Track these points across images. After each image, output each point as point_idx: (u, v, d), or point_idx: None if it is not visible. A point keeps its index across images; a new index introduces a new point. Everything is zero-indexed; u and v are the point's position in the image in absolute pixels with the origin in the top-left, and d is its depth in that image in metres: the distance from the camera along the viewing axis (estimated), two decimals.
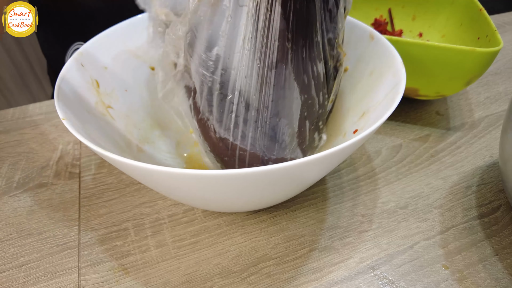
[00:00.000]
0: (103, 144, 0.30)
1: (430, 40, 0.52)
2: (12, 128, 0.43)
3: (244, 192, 0.25)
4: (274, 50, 0.25)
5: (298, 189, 0.30)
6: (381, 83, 0.32)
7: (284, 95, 0.27)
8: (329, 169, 0.29)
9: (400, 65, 0.31)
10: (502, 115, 0.45)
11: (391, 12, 0.54)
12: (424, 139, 0.42)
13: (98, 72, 0.34)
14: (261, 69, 0.26)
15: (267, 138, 0.28)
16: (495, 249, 0.31)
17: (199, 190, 0.25)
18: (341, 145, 0.23)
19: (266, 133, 0.28)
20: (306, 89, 0.28)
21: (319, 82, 0.29)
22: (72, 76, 0.31)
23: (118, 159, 0.22)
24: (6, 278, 0.29)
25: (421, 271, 0.29)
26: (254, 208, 0.32)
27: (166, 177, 0.23)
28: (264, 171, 0.21)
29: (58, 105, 0.27)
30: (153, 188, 0.29)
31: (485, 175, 0.37)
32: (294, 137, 0.29)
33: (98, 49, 0.35)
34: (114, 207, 0.34)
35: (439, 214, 0.33)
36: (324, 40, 0.29)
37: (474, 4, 0.45)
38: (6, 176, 0.38)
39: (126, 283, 0.29)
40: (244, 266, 0.30)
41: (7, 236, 0.32)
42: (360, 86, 0.35)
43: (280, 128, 0.28)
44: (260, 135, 0.28)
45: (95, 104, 0.33)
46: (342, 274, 0.29)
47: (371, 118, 0.31)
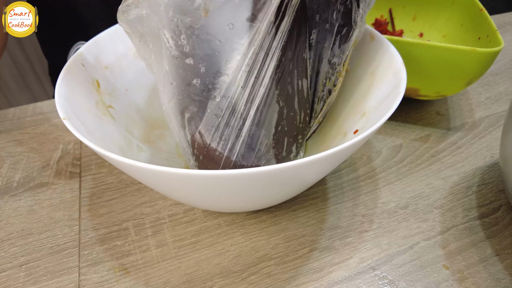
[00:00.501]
0: (103, 144, 0.30)
1: (431, 40, 0.52)
2: (13, 128, 0.43)
3: (244, 192, 0.25)
4: (268, 62, 0.26)
5: (298, 189, 0.30)
6: (382, 83, 0.32)
7: (267, 105, 0.27)
8: (330, 169, 0.29)
9: (401, 65, 0.31)
10: (503, 115, 0.45)
11: (392, 12, 0.54)
12: (425, 139, 0.42)
13: (99, 72, 0.34)
14: (253, 79, 0.26)
15: (244, 145, 0.28)
16: (495, 249, 0.31)
17: (199, 190, 0.25)
18: (341, 145, 0.23)
19: (244, 141, 0.28)
20: (289, 101, 0.29)
21: (302, 97, 0.30)
22: (73, 76, 0.31)
23: (119, 159, 0.22)
24: (6, 277, 0.29)
25: (422, 271, 0.29)
26: (254, 208, 0.32)
27: (167, 177, 0.23)
28: (264, 171, 0.21)
29: (58, 105, 0.27)
30: (154, 188, 0.29)
31: (485, 176, 0.37)
32: (270, 147, 0.29)
33: (98, 49, 0.35)
34: (115, 206, 0.34)
35: (440, 214, 0.33)
36: (325, 62, 0.30)
37: (475, 4, 0.45)
38: (7, 176, 0.38)
39: (126, 283, 0.29)
40: (244, 266, 0.30)
41: (7, 236, 0.32)
42: (361, 86, 0.35)
43: (259, 137, 0.28)
44: (240, 142, 0.28)
45: (95, 104, 0.33)
46: (342, 274, 0.29)
47: (372, 118, 0.31)
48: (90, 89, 0.33)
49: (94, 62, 0.34)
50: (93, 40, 0.35)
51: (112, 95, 0.35)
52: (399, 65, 0.31)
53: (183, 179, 0.23)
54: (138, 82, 0.38)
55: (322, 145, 0.37)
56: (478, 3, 0.45)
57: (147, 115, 0.39)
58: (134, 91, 0.38)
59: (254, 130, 0.28)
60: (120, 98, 0.36)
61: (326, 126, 0.37)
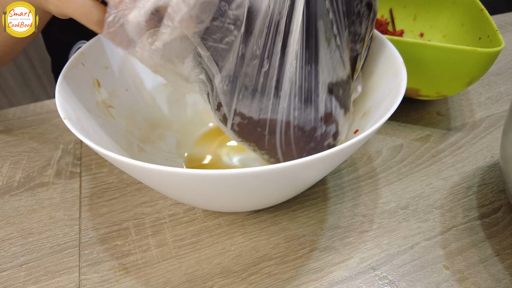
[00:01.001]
0: (104, 143, 0.30)
1: (431, 40, 0.52)
2: (14, 127, 0.43)
3: (243, 192, 0.25)
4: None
5: (299, 189, 0.30)
6: (382, 83, 0.32)
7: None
8: (330, 169, 0.29)
9: (401, 65, 0.31)
10: (503, 115, 0.44)
11: (392, 12, 0.54)
12: (425, 139, 0.42)
13: (99, 72, 0.34)
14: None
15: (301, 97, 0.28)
16: (496, 249, 0.31)
17: (199, 190, 0.25)
18: (341, 145, 0.23)
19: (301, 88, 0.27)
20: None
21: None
22: (73, 75, 0.31)
23: (119, 158, 0.22)
24: (7, 277, 0.29)
25: (422, 271, 0.29)
26: (254, 208, 0.32)
27: (167, 176, 0.23)
28: (264, 171, 0.21)
29: (59, 105, 0.27)
30: (154, 188, 0.29)
31: (486, 176, 0.37)
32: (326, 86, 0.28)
33: (99, 49, 0.35)
34: (115, 206, 0.34)
35: (440, 215, 0.33)
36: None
37: (476, 4, 0.45)
38: (7, 175, 0.38)
39: (126, 283, 0.29)
40: (244, 266, 0.30)
41: (8, 235, 0.32)
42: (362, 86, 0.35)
43: (314, 79, 0.28)
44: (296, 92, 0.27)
45: (96, 104, 0.33)
46: (342, 274, 0.29)
47: (372, 118, 0.31)
48: (90, 88, 0.33)
49: (94, 62, 0.34)
50: (94, 39, 0.35)
51: (112, 95, 0.35)
52: (400, 65, 0.31)
53: (184, 179, 0.23)
54: (138, 82, 0.38)
55: None
56: (478, 3, 0.45)
57: (148, 115, 0.39)
58: (134, 91, 0.38)
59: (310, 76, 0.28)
60: (120, 98, 0.36)
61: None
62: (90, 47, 0.34)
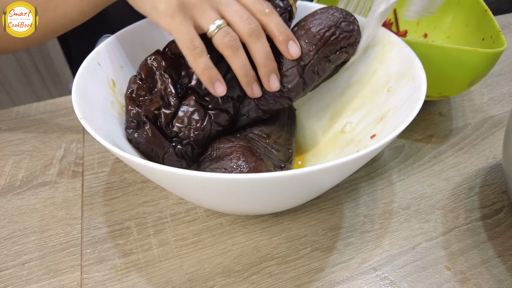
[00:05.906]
0: (119, 143, 0.30)
1: (435, 41, 0.51)
2: (16, 127, 0.44)
3: (264, 197, 0.25)
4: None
5: (315, 194, 0.30)
6: (399, 88, 0.32)
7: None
8: (347, 175, 0.29)
9: (421, 70, 0.30)
10: (506, 116, 0.44)
11: (396, 12, 0.54)
12: (427, 139, 0.41)
13: (115, 71, 0.34)
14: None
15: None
16: (498, 250, 0.30)
17: (216, 193, 0.25)
18: (362, 151, 0.23)
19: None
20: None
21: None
22: (89, 75, 0.31)
23: (138, 161, 0.22)
24: (9, 275, 0.29)
25: (423, 272, 0.29)
26: (271, 211, 0.32)
27: (188, 180, 0.23)
28: (281, 176, 0.21)
29: (76, 104, 0.27)
30: (170, 190, 0.29)
31: (488, 177, 0.37)
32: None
33: (114, 48, 0.35)
34: (117, 205, 0.34)
35: (442, 215, 0.33)
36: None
37: (480, 5, 0.45)
38: (10, 174, 0.38)
39: (128, 282, 0.29)
40: (246, 266, 0.30)
41: (10, 234, 0.32)
42: (378, 91, 0.35)
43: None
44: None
45: (111, 104, 0.33)
46: (344, 275, 0.29)
47: (390, 123, 0.30)
48: (106, 88, 0.33)
49: (110, 62, 0.34)
50: (109, 39, 0.35)
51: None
52: (419, 70, 0.30)
53: (202, 182, 0.23)
54: None
55: (334, 151, 0.37)
56: (483, 4, 0.44)
57: None
58: None
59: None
60: None
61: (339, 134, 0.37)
62: (106, 47, 0.34)
